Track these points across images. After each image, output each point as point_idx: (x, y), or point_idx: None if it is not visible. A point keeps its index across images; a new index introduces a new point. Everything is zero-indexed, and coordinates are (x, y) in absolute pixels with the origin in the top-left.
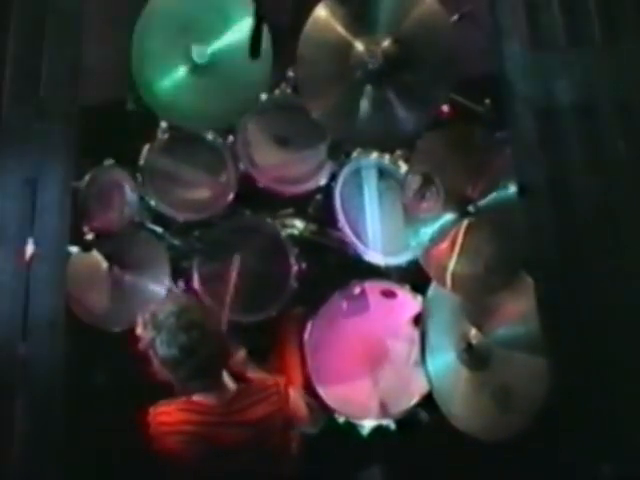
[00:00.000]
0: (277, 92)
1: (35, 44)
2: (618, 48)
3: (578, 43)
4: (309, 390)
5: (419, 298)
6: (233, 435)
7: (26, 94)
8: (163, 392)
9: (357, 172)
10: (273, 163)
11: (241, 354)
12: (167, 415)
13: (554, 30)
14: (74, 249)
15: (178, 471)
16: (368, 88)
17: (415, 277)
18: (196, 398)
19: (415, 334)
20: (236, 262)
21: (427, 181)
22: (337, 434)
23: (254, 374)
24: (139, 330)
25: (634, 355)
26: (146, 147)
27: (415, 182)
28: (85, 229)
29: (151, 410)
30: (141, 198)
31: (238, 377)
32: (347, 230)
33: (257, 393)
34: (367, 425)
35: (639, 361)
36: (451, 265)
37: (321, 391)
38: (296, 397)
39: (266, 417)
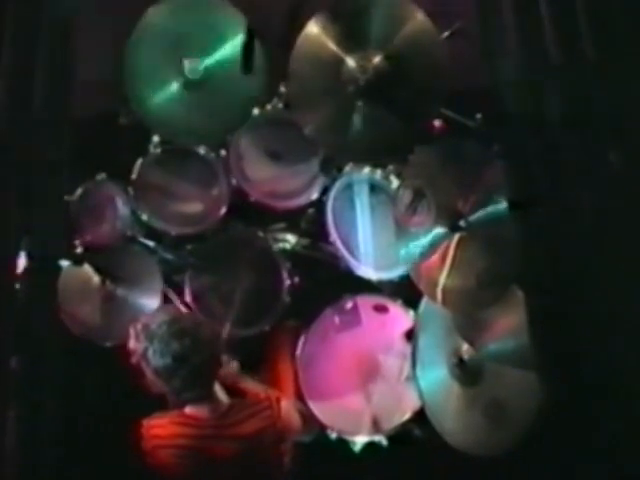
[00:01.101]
0: (269, 107)
1: (28, 58)
2: (610, 64)
3: (570, 59)
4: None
5: (411, 313)
6: (225, 449)
7: (19, 108)
8: (156, 406)
9: (349, 186)
10: (265, 177)
11: (234, 365)
12: (160, 428)
13: (546, 46)
14: (66, 263)
15: None
16: (360, 103)
17: (407, 292)
18: (189, 411)
19: (407, 349)
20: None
21: (419, 195)
22: (329, 450)
23: (247, 385)
24: (131, 343)
25: (625, 368)
26: (138, 161)
27: (407, 196)
28: (77, 243)
29: (144, 424)
30: (133, 212)
31: (231, 389)
32: (339, 244)
33: (250, 407)
34: (359, 441)
35: (630, 373)
36: (442, 279)
37: (313, 406)
38: (289, 409)
39: (258, 432)
